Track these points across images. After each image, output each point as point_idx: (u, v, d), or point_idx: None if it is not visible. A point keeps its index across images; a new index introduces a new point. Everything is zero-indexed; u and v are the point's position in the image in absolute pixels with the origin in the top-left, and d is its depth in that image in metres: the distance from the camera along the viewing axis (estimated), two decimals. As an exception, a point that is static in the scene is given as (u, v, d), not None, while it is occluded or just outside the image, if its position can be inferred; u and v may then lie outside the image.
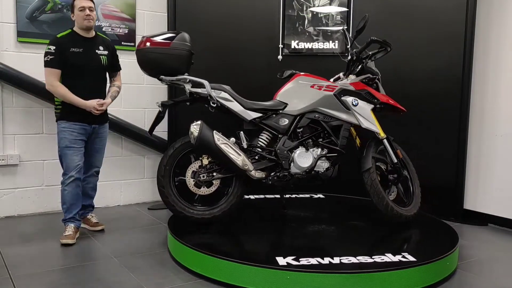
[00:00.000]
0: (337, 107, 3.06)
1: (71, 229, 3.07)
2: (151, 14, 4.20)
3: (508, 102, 3.58)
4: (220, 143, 2.83)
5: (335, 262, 2.35)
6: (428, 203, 3.79)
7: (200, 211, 2.94)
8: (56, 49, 3.01)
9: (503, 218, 3.62)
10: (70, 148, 3.04)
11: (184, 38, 2.92)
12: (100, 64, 3.16)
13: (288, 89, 3.07)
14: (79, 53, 3.06)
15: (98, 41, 3.20)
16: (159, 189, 2.92)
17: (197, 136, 2.81)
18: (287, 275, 2.24)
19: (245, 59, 4.05)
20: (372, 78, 3.20)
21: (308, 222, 3.12)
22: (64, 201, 3.08)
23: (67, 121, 3.07)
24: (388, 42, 3.13)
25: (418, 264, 2.35)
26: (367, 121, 3.08)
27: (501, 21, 3.61)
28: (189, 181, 2.95)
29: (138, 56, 2.92)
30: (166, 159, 2.95)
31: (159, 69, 2.90)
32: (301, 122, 3.03)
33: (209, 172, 2.94)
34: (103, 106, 3.12)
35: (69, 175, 3.03)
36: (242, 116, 2.97)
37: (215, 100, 2.91)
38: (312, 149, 3.03)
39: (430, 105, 3.82)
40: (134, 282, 2.43)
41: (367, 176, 2.99)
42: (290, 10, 4.04)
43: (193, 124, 2.86)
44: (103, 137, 3.29)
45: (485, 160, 3.73)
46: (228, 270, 2.36)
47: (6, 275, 2.50)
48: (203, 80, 2.89)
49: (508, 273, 2.67)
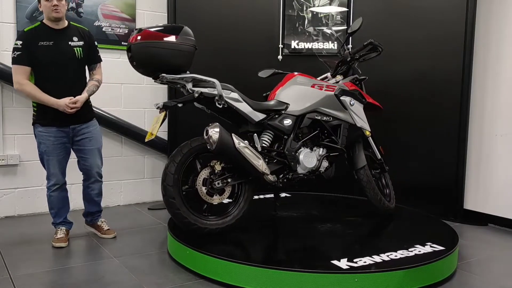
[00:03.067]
0: (337, 107, 3.08)
1: (62, 232, 3.00)
2: (151, 14, 4.20)
3: (508, 102, 3.58)
4: (241, 147, 2.62)
5: (378, 261, 2.38)
6: (428, 203, 3.80)
7: (212, 221, 2.72)
8: (23, 44, 2.74)
9: (503, 218, 3.62)
10: (48, 154, 2.87)
11: (189, 32, 2.63)
12: (74, 57, 2.88)
13: (288, 89, 2.99)
14: (49, 46, 2.79)
15: (71, 32, 2.91)
16: (169, 201, 2.60)
17: (217, 141, 2.55)
18: (354, 277, 2.21)
19: (245, 59, 4.05)
20: (361, 79, 3.31)
21: (308, 221, 3.13)
22: (51, 206, 2.98)
23: (41, 125, 2.85)
24: (382, 46, 3.18)
25: (418, 265, 2.35)
26: (361, 120, 3.19)
27: (501, 20, 3.61)
28: (201, 190, 2.69)
29: (134, 50, 2.53)
30: (174, 167, 2.63)
31: (159, 66, 2.58)
32: (303, 123, 2.98)
33: (223, 179, 2.74)
34: (77, 104, 2.83)
35: (52, 182, 2.92)
36: (250, 118, 2.79)
37: (223, 101, 2.67)
38: (315, 149, 3.02)
39: (430, 105, 3.83)
40: (134, 282, 2.43)
41: (362, 173, 3.12)
42: (290, 10, 4.04)
43: (211, 127, 2.59)
44: (92, 136, 3.00)
45: (485, 160, 3.73)
46: (228, 270, 2.36)
47: (6, 275, 2.50)
48: (213, 79, 2.64)
49: (508, 273, 2.67)
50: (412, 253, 2.50)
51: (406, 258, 2.41)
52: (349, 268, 2.26)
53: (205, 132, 2.60)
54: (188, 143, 2.70)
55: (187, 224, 2.63)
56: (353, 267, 2.28)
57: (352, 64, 3.29)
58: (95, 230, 3.23)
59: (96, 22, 3.86)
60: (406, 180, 3.91)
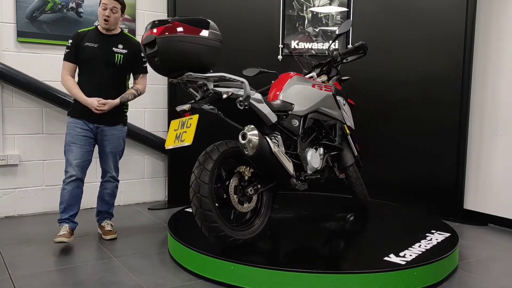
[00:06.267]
0: (334, 106, 3.11)
1: (66, 229, 2.92)
2: (151, 14, 4.20)
3: (508, 102, 3.58)
4: (277, 150, 2.45)
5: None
6: (428, 203, 3.80)
7: (242, 230, 2.52)
8: (72, 43, 2.96)
9: (503, 218, 3.62)
10: (71, 144, 2.95)
11: (216, 27, 2.36)
12: (113, 61, 2.99)
13: (291, 89, 2.89)
14: (93, 48, 2.96)
15: (119, 39, 3.05)
16: (205, 214, 2.31)
17: (257, 145, 2.34)
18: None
19: (245, 59, 4.05)
20: (345, 79, 3.36)
21: (305, 222, 3.13)
22: (62, 201, 2.95)
23: (71, 116, 3.01)
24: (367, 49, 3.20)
25: (418, 265, 2.35)
26: (350, 119, 3.28)
27: (501, 21, 3.61)
28: (233, 198, 2.47)
29: (162, 45, 2.20)
30: (208, 175, 2.33)
31: (189, 64, 2.29)
32: (307, 123, 2.92)
33: (253, 185, 2.56)
34: (105, 106, 2.92)
35: (69, 174, 2.93)
36: (267, 119, 2.62)
37: (247, 102, 2.44)
38: (318, 149, 3.01)
39: (430, 105, 3.83)
40: (134, 282, 2.43)
41: (352, 170, 3.25)
42: (290, 10, 4.04)
43: (248, 131, 2.35)
44: (113, 140, 3.06)
45: (485, 160, 3.73)
46: (227, 271, 2.35)
47: (6, 275, 2.50)
48: (242, 79, 2.40)
49: (508, 273, 2.67)
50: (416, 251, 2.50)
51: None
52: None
53: (242, 137, 2.35)
54: (215, 148, 2.43)
55: (224, 237, 2.38)
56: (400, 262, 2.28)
57: (337, 64, 3.28)
58: (99, 230, 3.23)
59: (96, 22, 3.85)
60: (406, 180, 3.91)
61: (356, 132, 3.39)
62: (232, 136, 2.58)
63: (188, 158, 2.88)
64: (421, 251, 2.52)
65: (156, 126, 4.27)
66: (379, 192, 3.83)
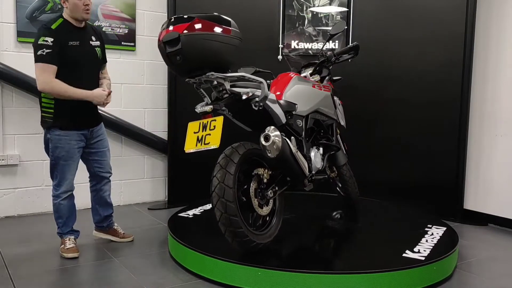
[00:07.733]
0: (331, 106, 3.11)
1: (71, 241, 2.80)
2: (151, 14, 4.20)
3: (508, 102, 3.58)
4: (295, 151, 2.39)
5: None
6: (428, 203, 3.80)
7: (262, 234, 2.45)
8: (54, 42, 2.54)
9: (503, 218, 3.61)
10: (68, 159, 2.70)
11: (236, 25, 2.30)
12: (96, 57, 2.79)
13: (293, 89, 2.81)
14: (77, 46, 2.65)
15: (89, 31, 2.81)
16: (231, 219, 2.22)
17: (281, 147, 2.29)
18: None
19: (245, 59, 4.02)
20: (336, 79, 3.35)
21: (305, 221, 3.13)
22: (60, 215, 2.78)
23: (60, 128, 2.67)
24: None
25: (418, 265, 2.35)
26: (343, 118, 3.29)
27: (501, 21, 3.61)
28: (254, 202, 2.40)
29: (186, 43, 2.10)
30: (231, 179, 2.22)
31: (212, 63, 2.19)
32: (308, 123, 2.88)
33: (272, 188, 2.50)
34: (110, 96, 2.76)
35: (64, 190, 2.73)
36: (279, 120, 2.51)
37: (263, 103, 2.35)
38: (319, 149, 2.99)
39: (430, 105, 3.82)
40: (134, 282, 2.43)
41: (345, 169, 3.24)
42: (290, 10, 4.04)
43: (271, 132, 2.29)
44: (104, 138, 2.94)
45: (485, 160, 3.73)
46: (227, 271, 2.35)
47: (6, 275, 2.50)
48: (261, 79, 2.33)
49: (508, 273, 2.67)
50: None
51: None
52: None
53: (264, 139, 2.30)
54: (235, 150, 2.33)
55: (247, 242, 2.31)
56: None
57: (329, 65, 3.26)
58: (111, 236, 3.07)
59: (96, 22, 3.85)
60: (406, 180, 3.91)
61: (357, 132, 3.40)
62: (232, 137, 2.52)
63: (188, 158, 2.88)
64: (432, 246, 2.58)
65: (156, 126, 4.27)
66: (379, 192, 3.83)
